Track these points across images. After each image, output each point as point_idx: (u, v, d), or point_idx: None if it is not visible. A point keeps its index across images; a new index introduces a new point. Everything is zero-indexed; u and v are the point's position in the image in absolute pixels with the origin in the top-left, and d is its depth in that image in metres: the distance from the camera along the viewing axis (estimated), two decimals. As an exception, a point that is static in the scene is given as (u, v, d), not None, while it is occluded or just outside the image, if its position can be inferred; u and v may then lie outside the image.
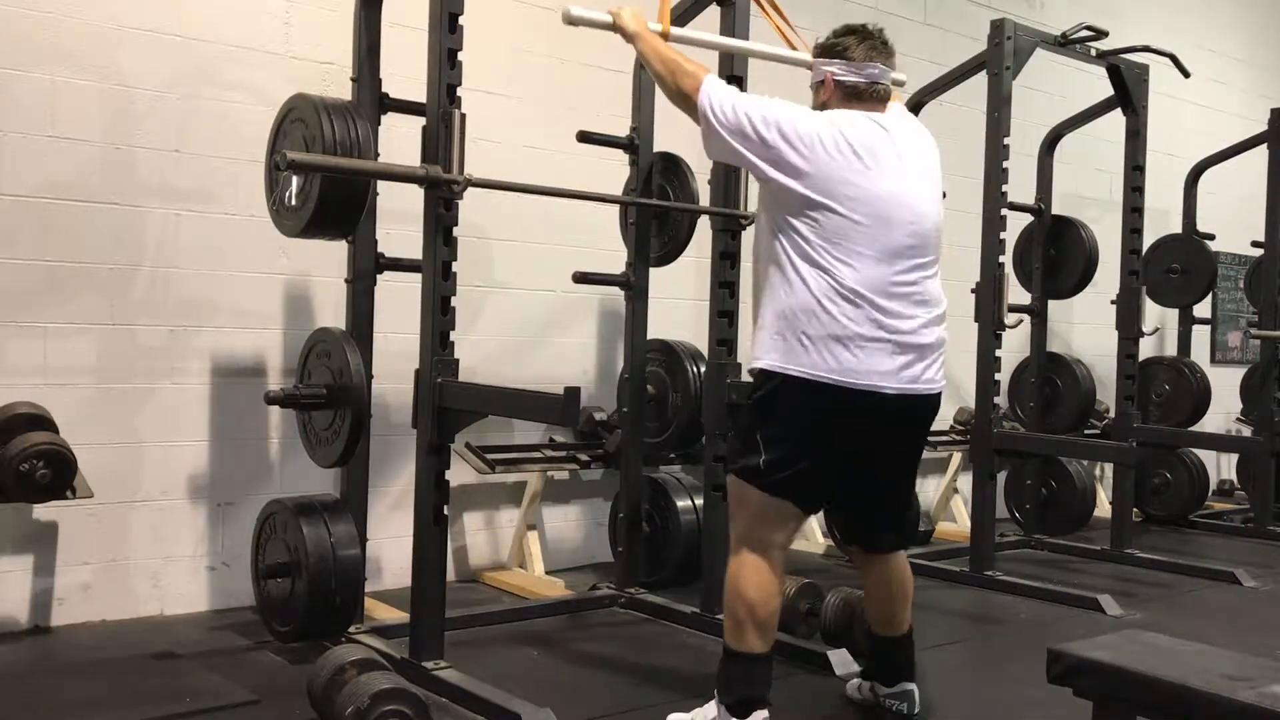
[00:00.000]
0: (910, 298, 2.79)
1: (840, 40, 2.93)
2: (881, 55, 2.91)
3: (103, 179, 3.77)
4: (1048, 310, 6.03)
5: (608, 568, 4.62)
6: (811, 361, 2.72)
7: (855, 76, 2.88)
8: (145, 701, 3.02)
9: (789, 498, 2.82)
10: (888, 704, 3.09)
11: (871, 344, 2.73)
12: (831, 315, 2.72)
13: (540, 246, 4.76)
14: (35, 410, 3.52)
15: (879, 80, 2.90)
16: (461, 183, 3.11)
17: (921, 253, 2.82)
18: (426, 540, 3.20)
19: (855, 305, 2.72)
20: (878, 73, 2.89)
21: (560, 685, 3.30)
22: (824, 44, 2.97)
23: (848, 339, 2.72)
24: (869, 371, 2.73)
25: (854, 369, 2.72)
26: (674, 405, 4.50)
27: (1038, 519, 5.78)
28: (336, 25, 4.08)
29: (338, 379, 3.41)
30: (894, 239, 2.76)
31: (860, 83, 2.88)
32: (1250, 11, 8.70)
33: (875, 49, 2.91)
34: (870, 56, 2.89)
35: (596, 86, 4.88)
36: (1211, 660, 2.28)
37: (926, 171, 2.90)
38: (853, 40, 2.92)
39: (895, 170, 2.79)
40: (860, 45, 2.90)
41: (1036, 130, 6.13)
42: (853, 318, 2.72)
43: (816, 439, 2.79)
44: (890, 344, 2.75)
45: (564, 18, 3.10)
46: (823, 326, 2.72)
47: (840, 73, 2.89)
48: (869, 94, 2.89)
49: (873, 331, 2.73)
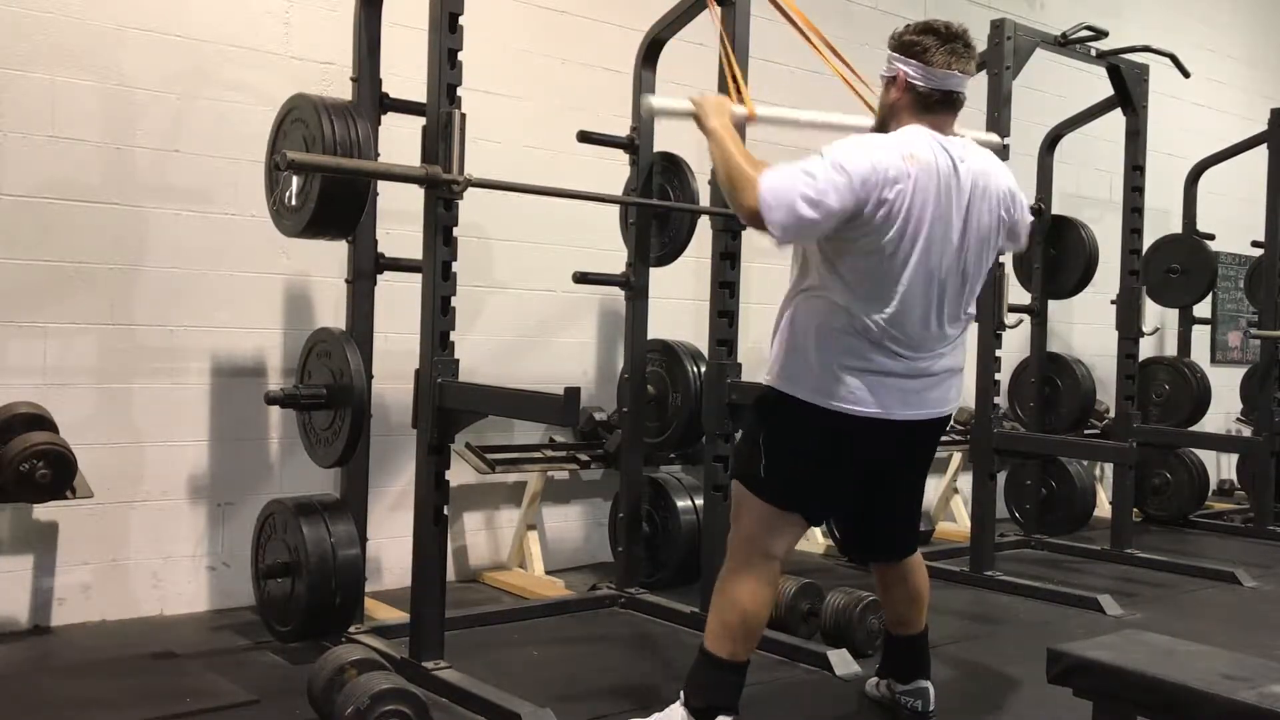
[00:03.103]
0: (936, 328, 2.69)
1: (919, 40, 2.69)
2: (962, 62, 2.69)
3: (102, 179, 3.77)
4: (1048, 310, 6.03)
5: (608, 568, 4.63)
6: (823, 389, 2.65)
7: (930, 84, 2.68)
8: (145, 701, 3.02)
9: (792, 508, 2.78)
10: (903, 701, 3.10)
11: (888, 377, 2.65)
12: (852, 345, 2.63)
13: (540, 246, 4.76)
14: (35, 410, 3.52)
15: (956, 90, 2.70)
16: (461, 183, 3.11)
17: (961, 285, 2.71)
18: (426, 540, 3.20)
19: (880, 338, 2.63)
20: (955, 82, 2.69)
21: (560, 685, 3.29)
22: (902, 39, 2.73)
23: (864, 370, 2.64)
24: (881, 402, 2.65)
25: (865, 399, 2.64)
26: (674, 405, 4.50)
27: (1038, 519, 5.78)
28: (336, 25, 4.08)
29: (338, 379, 3.41)
30: (934, 279, 2.64)
31: (935, 92, 2.69)
32: (1250, 11, 8.70)
33: (956, 54, 2.68)
34: (950, 64, 2.67)
35: (596, 86, 4.88)
36: (1211, 660, 2.28)
37: (989, 209, 2.72)
38: (933, 42, 2.68)
39: (955, 207, 2.64)
40: (941, 49, 2.67)
41: (1036, 130, 6.13)
42: (875, 349, 2.63)
43: (820, 459, 2.75)
44: (908, 375, 2.68)
45: (644, 110, 2.90)
46: (841, 354, 2.64)
47: (916, 77, 2.68)
48: (943, 104, 2.71)
49: (893, 364, 2.65)
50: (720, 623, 2.79)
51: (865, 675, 3.32)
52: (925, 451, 2.99)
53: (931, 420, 2.80)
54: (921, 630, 3.10)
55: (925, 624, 3.11)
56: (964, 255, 2.69)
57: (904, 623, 3.09)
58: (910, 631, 3.09)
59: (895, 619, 3.11)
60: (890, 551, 3.06)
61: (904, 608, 3.08)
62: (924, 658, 3.12)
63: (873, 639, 3.59)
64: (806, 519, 2.85)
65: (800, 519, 2.82)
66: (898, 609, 3.09)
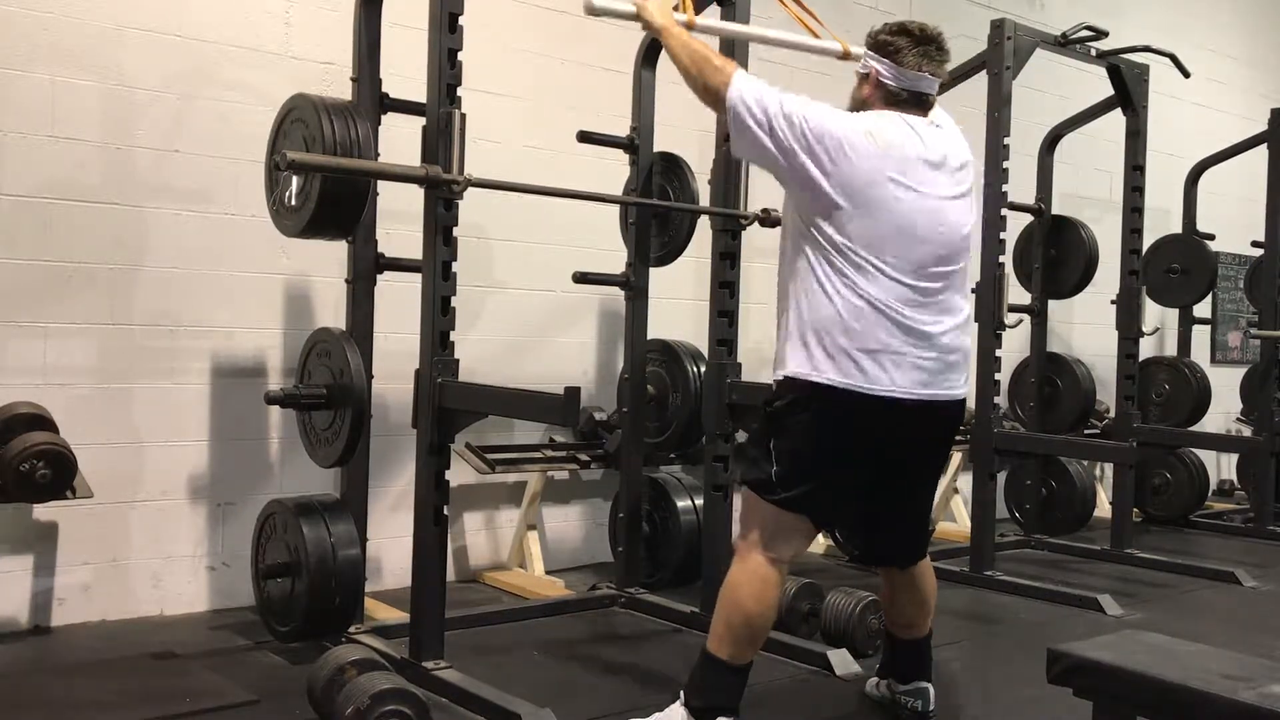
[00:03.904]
0: (935, 306, 2.73)
1: (893, 40, 2.80)
2: (933, 64, 2.79)
3: (102, 179, 3.77)
4: (1048, 310, 6.03)
5: (608, 568, 4.62)
6: (835, 371, 2.67)
7: (900, 84, 2.78)
8: (145, 701, 3.02)
9: (802, 512, 2.78)
10: (904, 701, 3.10)
11: (894, 355, 2.67)
12: (855, 326, 2.66)
13: (540, 246, 4.76)
14: (35, 410, 3.52)
15: (925, 92, 2.80)
16: (461, 183, 3.11)
17: (949, 261, 2.76)
18: (426, 540, 3.20)
19: (879, 315, 2.66)
20: (924, 84, 2.79)
21: (560, 685, 3.30)
22: (877, 38, 2.84)
23: (871, 350, 2.66)
24: (890, 383, 2.67)
25: (876, 378, 2.67)
26: (674, 405, 4.50)
27: (1038, 519, 5.78)
28: (336, 25, 4.07)
29: (338, 379, 3.41)
30: (922, 248, 2.70)
31: (904, 91, 2.78)
32: (1250, 11, 8.70)
33: (928, 57, 2.79)
34: (921, 66, 2.77)
35: (596, 86, 4.88)
36: (1211, 660, 2.28)
37: (959, 179, 2.82)
38: (906, 43, 2.78)
39: (927, 178, 2.72)
40: (913, 51, 2.77)
41: (1036, 130, 6.13)
42: (876, 328, 2.66)
43: (833, 455, 2.75)
44: (913, 354, 2.69)
45: (586, 8, 2.99)
46: (846, 336, 2.66)
47: (887, 75, 2.79)
48: (911, 103, 2.80)
49: (896, 343, 2.67)
50: (724, 625, 2.79)
51: (865, 675, 3.32)
52: (940, 446, 2.99)
53: (947, 404, 2.80)
54: (926, 634, 3.10)
55: (930, 628, 3.11)
56: (947, 228, 2.75)
57: (910, 626, 3.09)
58: (915, 635, 3.09)
59: (901, 622, 3.11)
60: (900, 556, 3.05)
61: (911, 612, 3.07)
62: (926, 660, 3.12)
63: (873, 639, 3.59)
64: (814, 522, 2.84)
65: (809, 523, 2.82)
66: (904, 612, 3.09)
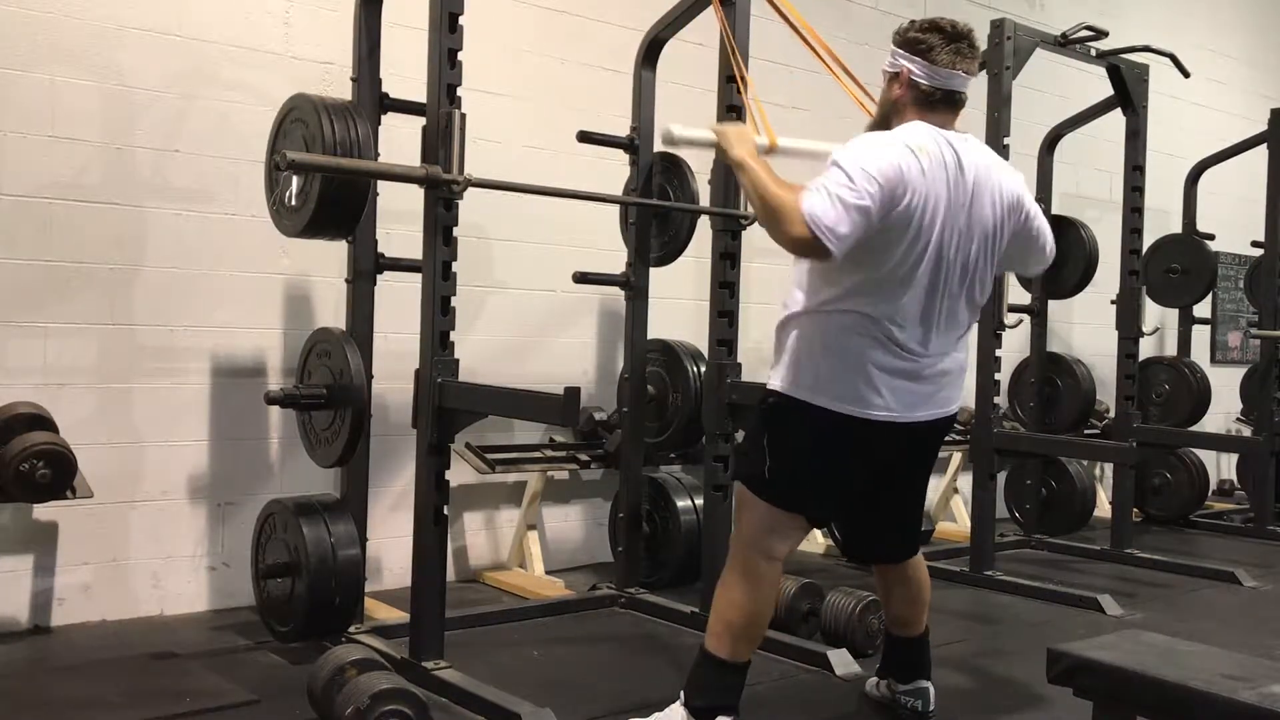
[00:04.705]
0: (942, 325, 2.69)
1: (925, 37, 2.70)
2: (966, 62, 2.70)
3: (103, 179, 3.77)
4: (1048, 310, 6.03)
5: (608, 568, 4.62)
6: (840, 394, 2.64)
7: (934, 82, 2.68)
8: (145, 701, 3.02)
9: (795, 509, 2.78)
10: (903, 701, 3.10)
11: (893, 377, 2.64)
12: (856, 348, 2.62)
13: (540, 246, 4.76)
14: (35, 410, 3.52)
15: (958, 90, 2.71)
16: (461, 183, 3.11)
17: (965, 282, 2.70)
18: (426, 540, 3.20)
19: (884, 338, 2.62)
20: (958, 82, 2.70)
21: (560, 685, 3.30)
22: (907, 36, 2.73)
23: (879, 372, 2.63)
24: (885, 404, 2.65)
25: (879, 402, 2.64)
26: (674, 405, 4.50)
27: (1038, 519, 5.78)
28: (336, 25, 4.07)
29: (338, 379, 3.41)
30: (941, 275, 2.64)
31: (938, 91, 2.69)
32: (1250, 11, 8.70)
33: (961, 54, 2.69)
34: (954, 63, 2.68)
35: (596, 86, 4.88)
36: (1211, 660, 2.28)
37: (992, 204, 2.70)
38: (938, 40, 2.69)
39: (959, 201, 2.63)
40: (946, 48, 2.68)
41: (1036, 130, 6.13)
42: (879, 350, 2.62)
43: (825, 460, 2.74)
44: (919, 376, 2.67)
45: (664, 137, 2.90)
46: (845, 357, 2.63)
47: (919, 74, 2.69)
48: (945, 103, 2.71)
49: (896, 364, 2.64)
50: (722, 623, 2.78)
51: (865, 675, 3.32)
52: (931, 453, 3.00)
53: (940, 420, 2.81)
54: (922, 631, 3.10)
55: (926, 625, 3.11)
56: (968, 250, 2.68)
57: (905, 623, 3.09)
58: (911, 633, 3.09)
59: (896, 620, 3.11)
60: (893, 553, 3.05)
61: (905, 608, 3.07)
62: (925, 658, 3.12)
63: (873, 639, 3.59)
64: (809, 520, 2.85)
65: (803, 520, 2.82)
66: (899, 610, 3.09)
